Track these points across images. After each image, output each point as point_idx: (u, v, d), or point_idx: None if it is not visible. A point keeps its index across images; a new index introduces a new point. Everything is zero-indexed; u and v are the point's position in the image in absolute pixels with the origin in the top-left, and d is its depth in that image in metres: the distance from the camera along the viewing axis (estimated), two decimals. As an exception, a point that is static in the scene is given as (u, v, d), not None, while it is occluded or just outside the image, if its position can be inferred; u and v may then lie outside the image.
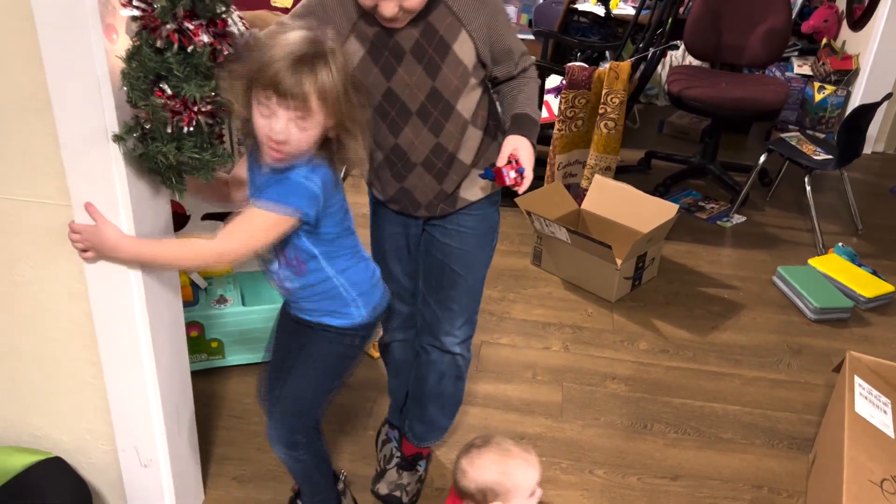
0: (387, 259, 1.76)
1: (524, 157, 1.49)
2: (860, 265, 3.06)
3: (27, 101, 1.30)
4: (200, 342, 2.23)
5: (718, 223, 3.46)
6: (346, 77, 1.29)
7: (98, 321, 1.49)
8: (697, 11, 3.74)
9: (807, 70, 4.52)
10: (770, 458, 2.14)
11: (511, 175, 1.47)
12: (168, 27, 1.16)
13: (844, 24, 4.48)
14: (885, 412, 1.92)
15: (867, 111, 3.23)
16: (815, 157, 3.35)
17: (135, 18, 1.18)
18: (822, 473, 1.90)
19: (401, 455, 1.98)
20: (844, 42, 4.46)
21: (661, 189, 3.63)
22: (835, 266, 3.01)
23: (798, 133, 3.65)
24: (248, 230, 1.34)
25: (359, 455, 2.07)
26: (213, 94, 1.24)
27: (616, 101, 3.08)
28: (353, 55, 1.48)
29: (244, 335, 2.26)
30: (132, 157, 1.32)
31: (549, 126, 3.31)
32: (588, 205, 3.06)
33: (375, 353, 2.35)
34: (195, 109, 1.24)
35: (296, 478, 1.74)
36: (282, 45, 1.24)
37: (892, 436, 1.85)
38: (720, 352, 2.59)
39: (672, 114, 4.46)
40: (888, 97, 3.37)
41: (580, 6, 4.34)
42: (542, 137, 3.41)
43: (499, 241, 3.19)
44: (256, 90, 1.26)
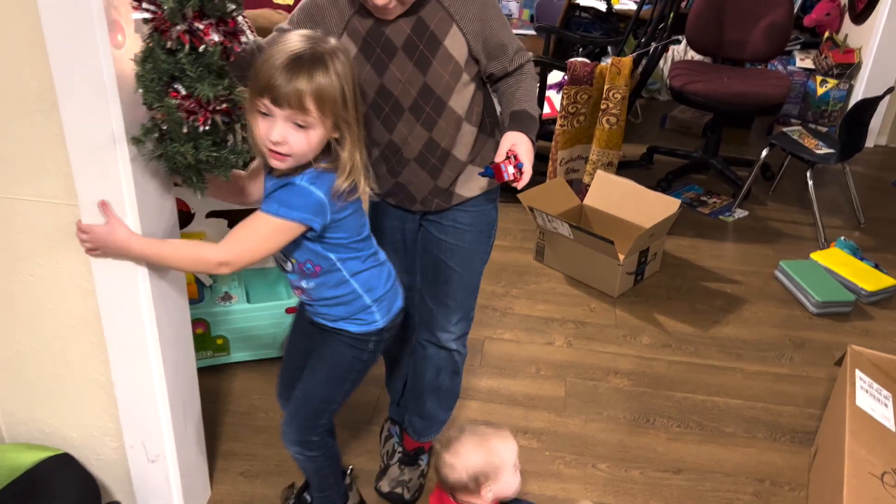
0: (385, 251, 1.77)
1: (522, 153, 1.47)
2: (862, 259, 3.06)
3: (34, 102, 1.32)
4: (206, 339, 2.25)
5: (720, 218, 3.47)
6: (349, 81, 1.29)
7: (105, 319, 1.51)
8: (699, 6, 3.74)
9: (809, 64, 4.52)
10: (772, 452, 2.16)
11: (510, 171, 1.45)
12: (178, 28, 1.17)
13: (847, 18, 4.48)
14: (886, 405, 1.93)
15: (869, 105, 3.23)
16: (818, 151, 3.35)
17: (146, 21, 1.19)
18: (824, 467, 1.92)
19: (402, 450, 2.00)
20: (847, 35, 4.46)
21: (664, 184, 3.64)
22: (837, 260, 3.01)
23: (800, 127, 3.65)
24: (254, 236, 1.34)
25: (363, 450, 2.08)
26: (227, 93, 1.25)
27: (618, 97, 3.09)
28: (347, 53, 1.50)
29: (249, 332, 2.28)
30: (150, 159, 1.33)
31: (552, 122, 3.32)
32: (590, 200, 3.07)
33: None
34: (210, 108, 1.24)
35: (306, 474, 1.75)
36: (278, 50, 1.25)
37: (893, 429, 1.86)
38: (722, 346, 2.60)
39: (674, 108, 4.47)
40: (890, 91, 3.38)
41: (582, 1, 4.34)
42: (545, 133, 3.42)
43: (501, 237, 3.23)
44: (255, 99, 1.26)
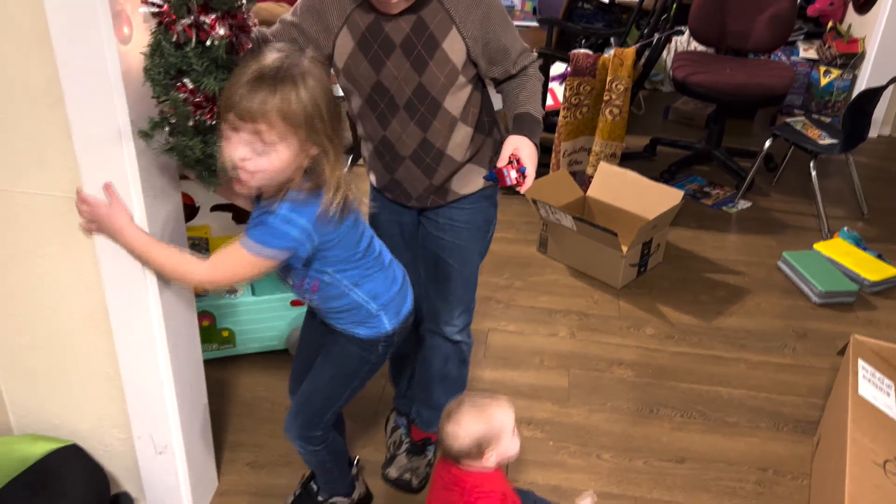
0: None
1: (525, 156, 1.47)
2: (865, 249, 3.06)
3: (40, 96, 1.33)
4: (212, 332, 2.27)
5: (724, 209, 3.47)
6: (322, 97, 1.23)
7: (113, 312, 1.52)
8: (702, -3, 3.74)
9: (812, 54, 4.51)
10: (775, 441, 2.17)
11: (512, 175, 1.46)
12: (184, 22, 1.18)
13: (850, 7, 4.46)
14: (889, 394, 1.94)
15: (873, 94, 3.23)
16: (821, 142, 3.35)
17: (153, 14, 1.20)
18: (826, 455, 1.93)
19: (409, 441, 2.01)
20: (850, 25, 4.44)
21: (667, 175, 3.64)
22: (840, 250, 3.01)
23: (803, 118, 3.64)
24: (234, 265, 1.33)
25: (369, 441, 2.10)
26: None
27: (621, 88, 3.09)
28: (345, 46, 1.51)
29: (255, 324, 2.29)
30: (162, 152, 1.33)
31: (555, 113, 3.32)
32: (593, 192, 3.08)
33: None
34: (218, 103, 1.25)
35: (310, 467, 1.77)
36: (248, 65, 1.21)
37: (895, 418, 1.87)
38: (726, 337, 2.61)
39: (677, 100, 4.46)
40: (894, 80, 3.36)
41: (584, -7, 4.33)
42: (548, 125, 3.42)
43: (504, 229, 3.24)
44: (223, 114, 1.23)
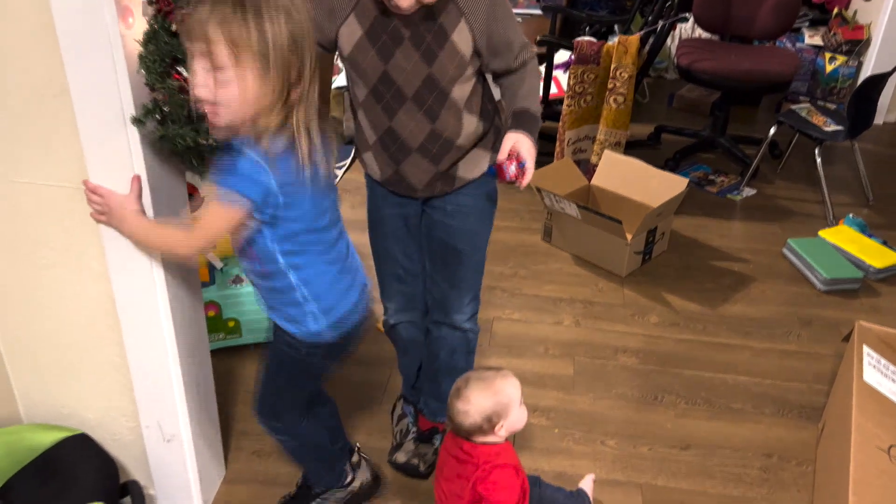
0: (386, 240, 1.77)
1: (524, 151, 1.52)
2: (870, 236, 3.06)
3: (45, 86, 1.33)
4: (218, 322, 2.28)
5: (728, 196, 3.47)
6: (288, 32, 1.16)
7: (120, 302, 1.53)
8: (706, -17, 3.72)
9: (818, 40, 4.48)
10: (780, 428, 2.17)
11: (511, 170, 1.50)
12: (183, 11, 1.18)
13: (856, -7, 4.44)
14: (893, 380, 1.94)
15: (878, 81, 3.21)
16: (826, 129, 3.34)
17: (150, 2, 1.20)
18: (831, 441, 1.93)
19: (416, 430, 2.02)
20: (856, 11, 4.42)
21: (671, 163, 3.63)
22: (845, 237, 3.01)
23: (809, 104, 3.63)
24: (208, 219, 1.30)
25: (375, 429, 2.11)
26: None
27: (625, 76, 3.08)
28: (352, 34, 1.50)
29: (260, 314, 2.30)
30: (152, 140, 1.34)
31: (559, 102, 3.32)
32: (598, 180, 3.07)
33: (382, 328, 2.39)
34: None
35: (288, 458, 1.77)
36: None
37: (901, 403, 1.87)
38: (730, 324, 2.61)
39: (682, 87, 4.45)
40: (900, 67, 3.35)
41: (588, -20, 4.32)
42: (552, 114, 3.41)
43: (509, 218, 3.24)
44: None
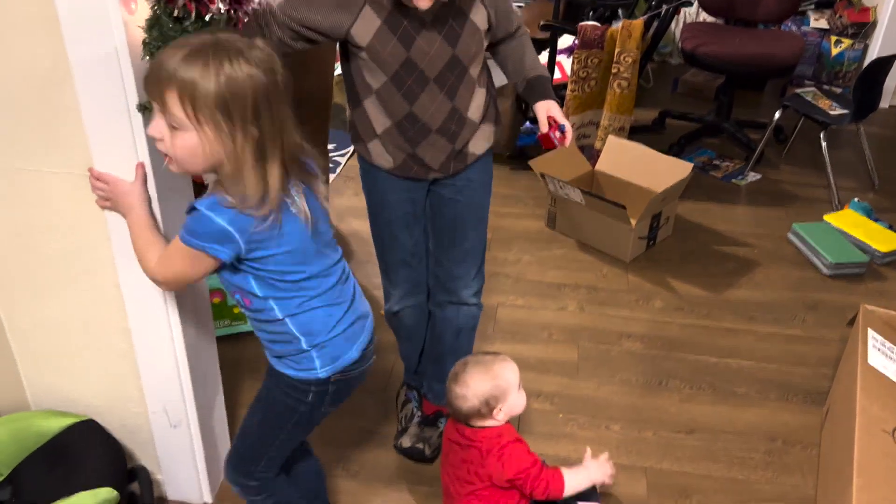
0: (393, 226, 1.77)
1: (558, 116, 1.66)
2: (876, 220, 3.05)
3: (48, 73, 1.33)
4: (223, 308, 2.28)
5: (733, 181, 3.46)
6: (255, 87, 1.11)
7: (126, 289, 1.53)
8: (711, -34, 3.69)
9: (823, 24, 4.45)
10: (784, 412, 2.18)
11: (557, 136, 1.64)
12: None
13: (862, -24, 4.39)
14: (899, 364, 1.94)
15: (884, 64, 3.19)
16: (831, 112, 3.32)
17: (153, -12, 1.20)
18: (835, 424, 1.94)
19: (421, 414, 2.03)
20: (862, -6, 4.38)
21: (676, 148, 3.61)
22: (850, 221, 3.00)
23: (814, 88, 3.61)
24: (176, 261, 1.25)
25: (381, 413, 2.12)
26: None
27: (629, 60, 3.06)
28: (370, 25, 1.48)
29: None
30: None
31: (562, 87, 3.30)
32: (602, 166, 3.06)
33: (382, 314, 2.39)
34: None
35: None
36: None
37: (905, 386, 1.87)
38: (735, 309, 2.61)
39: (686, 72, 4.42)
40: (906, 49, 3.33)
41: (592, -36, 4.27)
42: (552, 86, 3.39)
43: (512, 204, 3.24)
44: None
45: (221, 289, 2.24)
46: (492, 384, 1.60)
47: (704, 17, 4.38)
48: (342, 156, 3.55)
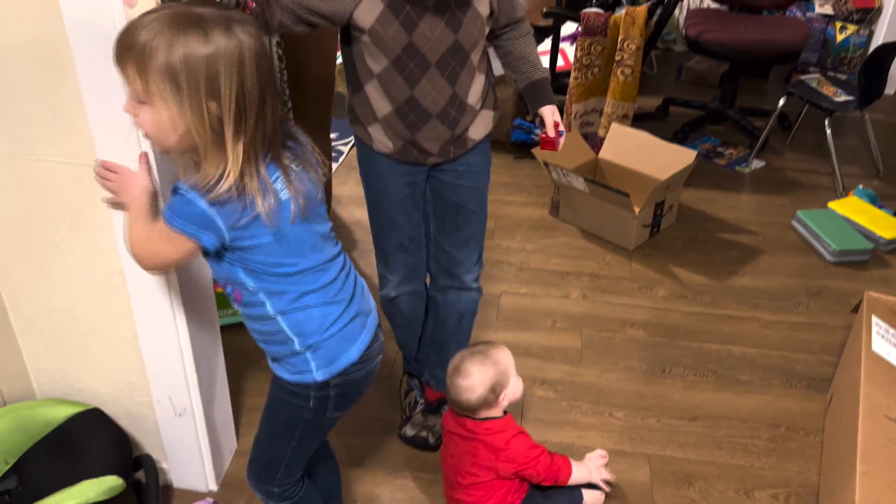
0: (392, 209, 1.77)
1: (560, 121, 1.74)
2: (881, 207, 3.04)
3: (50, 61, 1.33)
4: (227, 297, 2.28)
5: (737, 168, 3.44)
6: (225, 65, 1.05)
7: (130, 278, 1.54)
8: (715, -48, 3.66)
9: (828, 9, 4.42)
10: (788, 399, 2.18)
11: (560, 141, 1.74)
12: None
13: (868, -39, 4.36)
14: (903, 350, 1.93)
15: (890, 50, 3.17)
16: (836, 99, 3.30)
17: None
18: (839, 411, 1.94)
19: (425, 401, 2.04)
20: (867, -21, 4.34)
21: (680, 136, 3.60)
22: (855, 208, 2.99)
23: (819, 75, 3.59)
24: (155, 242, 1.20)
25: (385, 403, 2.13)
26: None
27: (632, 48, 3.05)
28: (373, 8, 1.48)
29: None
30: None
31: (566, 74, 3.29)
32: (605, 153, 3.05)
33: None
34: None
35: None
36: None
37: (909, 373, 1.87)
38: (739, 296, 2.61)
39: (690, 59, 4.40)
40: (912, 35, 3.31)
41: (595, -50, 4.25)
42: (559, 86, 3.39)
43: (516, 192, 3.24)
44: None
45: (225, 278, 2.24)
46: (494, 370, 1.64)
47: (708, 4, 4.36)
48: (345, 144, 3.54)
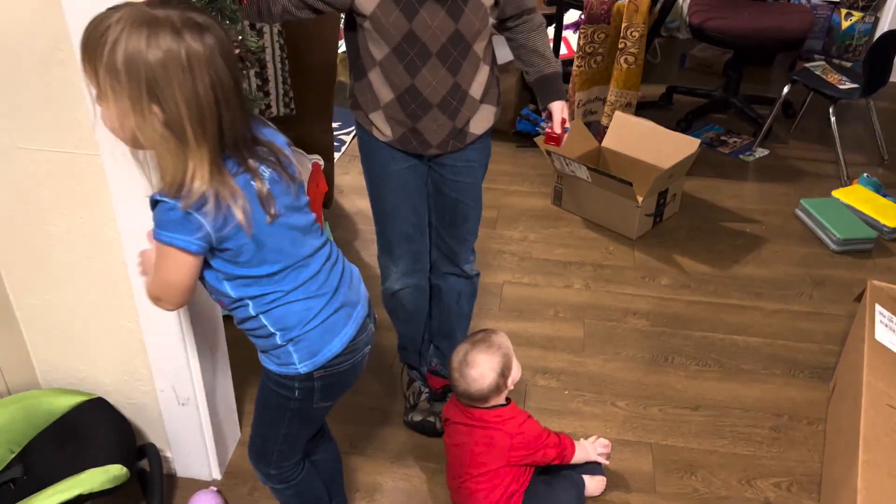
0: (394, 195, 1.76)
1: (567, 116, 1.76)
2: (885, 195, 3.03)
3: (51, 52, 1.33)
4: (229, 287, 2.29)
5: (741, 157, 3.43)
6: (162, 56, 1.02)
7: (132, 268, 1.53)
8: (719, -62, 3.63)
9: (834, -4, 4.39)
10: (790, 388, 2.18)
11: (564, 137, 1.76)
12: None
13: (874, -53, 4.32)
14: (906, 339, 1.93)
15: (895, 37, 3.15)
16: (841, 87, 3.28)
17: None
18: (842, 400, 1.94)
19: (429, 390, 2.04)
20: (873, -35, 4.31)
21: (683, 124, 3.59)
22: (859, 197, 2.98)
23: (823, 62, 3.56)
24: (161, 266, 1.17)
25: (387, 390, 2.13)
26: (240, 38, 1.25)
27: (636, 35, 3.03)
28: None
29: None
30: None
31: (569, 63, 3.27)
32: (608, 142, 3.04)
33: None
34: None
35: None
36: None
37: (912, 362, 1.87)
38: (742, 285, 2.61)
39: (694, 47, 4.37)
40: (917, 22, 3.28)
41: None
42: (562, 75, 3.36)
43: (519, 182, 3.23)
44: None
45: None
46: (499, 353, 1.67)
47: (713, -9, 4.32)
48: (347, 134, 3.53)
